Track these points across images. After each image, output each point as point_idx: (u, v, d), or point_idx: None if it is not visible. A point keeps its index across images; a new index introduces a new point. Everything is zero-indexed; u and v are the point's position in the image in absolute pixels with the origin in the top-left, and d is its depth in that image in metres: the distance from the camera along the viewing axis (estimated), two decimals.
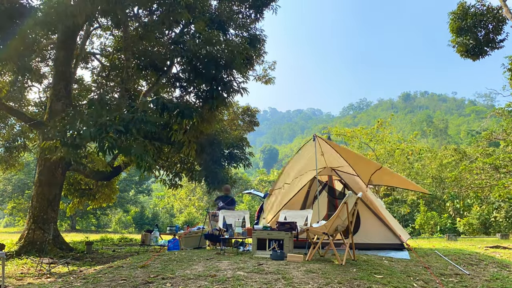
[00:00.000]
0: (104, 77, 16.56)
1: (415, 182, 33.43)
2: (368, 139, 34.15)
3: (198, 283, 4.93)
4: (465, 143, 54.41)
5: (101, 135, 7.97)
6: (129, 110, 8.84)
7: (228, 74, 11.19)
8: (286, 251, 6.85)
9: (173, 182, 14.65)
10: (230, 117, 17.55)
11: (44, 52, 15.68)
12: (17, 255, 10.23)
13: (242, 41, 12.07)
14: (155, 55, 12.51)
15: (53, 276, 7.20)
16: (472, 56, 14.57)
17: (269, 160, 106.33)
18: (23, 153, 17.18)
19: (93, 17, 11.33)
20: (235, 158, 14.28)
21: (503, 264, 7.84)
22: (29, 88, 16.16)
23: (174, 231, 10.61)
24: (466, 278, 6.40)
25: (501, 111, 26.27)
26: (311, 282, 4.96)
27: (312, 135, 8.89)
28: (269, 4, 13.71)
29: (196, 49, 10.30)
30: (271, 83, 17.55)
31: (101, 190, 16.54)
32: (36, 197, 11.57)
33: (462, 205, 28.34)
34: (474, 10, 14.05)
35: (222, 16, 12.15)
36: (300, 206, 9.87)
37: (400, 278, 5.64)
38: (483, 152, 27.26)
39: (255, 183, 46.18)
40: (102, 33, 16.49)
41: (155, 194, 52.61)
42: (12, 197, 36.10)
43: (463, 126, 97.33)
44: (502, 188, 23.38)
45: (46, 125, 11.03)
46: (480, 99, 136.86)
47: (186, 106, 10.14)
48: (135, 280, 5.25)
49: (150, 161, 8.54)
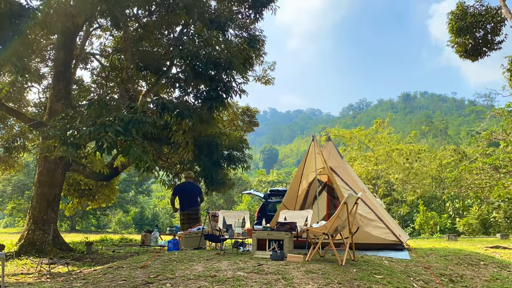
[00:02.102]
0: (104, 77, 16.56)
1: (415, 182, 33.51)
2: (367, 140, 34.17)
3: (198, 284, 4.92)
4: (465, 143, 54.44)
5: (100, 134, 7.97)
6: (128, 111, 8.84)
7: (227, 75, 11.18)
8: (286, 252, 6.85)
9: (172, 183, 14.64)
10: (230, 117, 17.54)
11: (44, 52, 15.68)
12: (17, 255, 10.22)
13: (241, 42, 12.07)
14: (155, 56, 12.52)
15: (53, 277, 7.19)
16: (471, 57, 14.58)
17: (269, 161, 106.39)
18: (22, 154, 17.17)
19: (93, 17, 11.32)
20: (234, 159, 14.25)
21: (503, 264, 7.84)
22: (29, 88, 16.15)
23: (174, 231, 10.61)
24: (466, 278, 6.40)
25: (501, 111, 26.28)
26: (311, 282, 4.95)
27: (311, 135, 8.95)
28: (268, 5, 13.72)
29: (195, 50, 10.31)
30: (270, 84, 17.55)
31: (101, 191, 16.54)
32: (36, 198, 11.57)
33: (462, 205, 28.36)
34: (473, 10, 14.06)
35: (222, 17, 12.15)
36: (300, 206, 9.88)
37: (400, 278, 5.64)
38: (483, 152, 27.27)
39: (255, 184, 46.20)
40: (102, 34, 16.49)
41: (155, 195, 52.62)
42: (12, 197, 36.11)
43: (463, 126, 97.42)
44: (502, 188, 23.39)
45: (46, 125, 11.03)
46: (480, 99, 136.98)
47: (185, 107, 10.15)
48: (135, 280, 5.24)
49: (149, 162, 8.54)
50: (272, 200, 14.47)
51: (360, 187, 9.63)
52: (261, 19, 14.06)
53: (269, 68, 17.44)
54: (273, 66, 17.54)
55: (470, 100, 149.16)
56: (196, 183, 11.21)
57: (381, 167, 32.61)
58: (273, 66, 17.54)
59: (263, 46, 14.33)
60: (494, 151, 27.75)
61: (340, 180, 9.51)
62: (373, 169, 32.45)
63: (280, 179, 47.28)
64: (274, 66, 17.57)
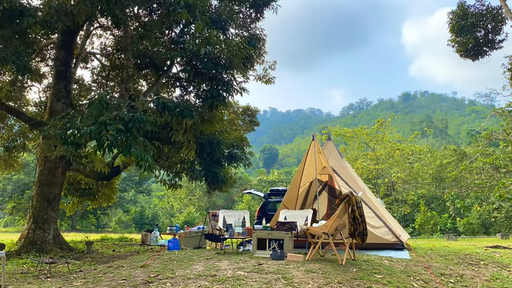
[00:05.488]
0: (104, 77, 16.54)
1: (415, 182, 33.52)
2: (368, 139, 34.15)
3: (198, 283, 4.92)
4: (465, 143, 54.41)
5: (101, 133, 7.98)
6: (129, 110, 8.84)
7: (228, 73, 11.18)
8: (286, 251, 6.85)
9: (172, 182, 14.63)
10: (230, 117, 17.51)
11: (44, 52, 15.67)
12: (17, 254, 10.23)
13: (242, 41, 12.06)
14: (155, 55, 12.51)
15: (53, 276, 7.19)
16: (472, 56, 14.57)
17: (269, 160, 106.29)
18: (22, 153, 17.16)
19: (93, 17, 11.32)
20: (235, 158, 14.26)
21: (503, 264, 7.84)
22: (29, 88, 16.14)
23: (174, 231, 10.63)
24: (466, 278, 6.40)
25: (501, 111, 26.27)
26: (311, 282, 4.95)
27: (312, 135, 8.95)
28: (269, 4, 13.71)
29: (196, 49, 10.30)
30: (271, 83, 17.51)
31: (101, 190, 16.53)
32: (36, 197, 11.57)
33: (462, 205, 28.35)
34: (474, 10, 14.05)
35: (222, 16, 12.14)
36: (300, 205, 9.88)
37: (400, 278, 5.63)
38: (483, 152, 27.26)
39: (255, 183, 46.20)
40: (102, 33, 16.46)
41: (155, 194, 52.65)
42: (12, 197, 36.11)
43: (463, 126, 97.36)
44: (502, 188, 23.37)
45: (46, 124, 11.03)
46: (480, 99, 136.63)
47: (186, 106, 10.15)
48: (135, 279, 5.24)
49: (150, 161, 8.53)
50: (272, 200, 14.48)
51: (361, 187, 9.64)
52: (262, 18, 14.06)
53: (270, 67, 17.41)
54: (273, 65, 17.51)
55: (470, 100, 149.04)
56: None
57: (382, 166, 32.62)
58: (274, 65, 17.51)
59: (263, 45, 14.31)
60: (494, 151, 27.72)
61: (340, 180, 9.52)
62: (374, 169, 32.46)
63: (281, 178, 47.28)
64: (275, 65, 17.54)
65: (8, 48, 9.66)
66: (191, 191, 43.55)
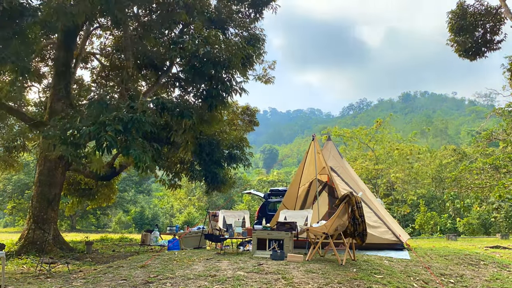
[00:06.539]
0: (104, 77, 16.54)
1: (415, 182, 33.51)
2: (367, 139, 34.17)
3: (198, 283, 4.92)
4: (465, 143, 54.40)
5: (100, 134, 7.98)
6: (128, 110, 8.84)
7: (227, 73, 11.18)
8: (286, 251, 6.85)
9: (172, 182, 14.63)
10: (230, 117, 17.50)
11: (44, 52, 15.66)
12: (17, 255, 10.22)
13: (241, 41, 12.06)
14: (155, 55, 12.51)
15: (53, 276, 7.19)
16: (470, 56, 14.57)
17: (269, 160, 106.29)
18: (22, 154, 17.15)
19: (93, 17, 11.32)
20: (235, 158, 14.25)
21: (503, 264, 7.84)
22: (29, 88, 16.14)
23: (174, 231, 10.62)
24: (466, 278, 6.40)
25: (501, 111, 26.27)
26: (311, 282, 4.95)
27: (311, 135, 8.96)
28: (268, 4, 13.70)
29: (195, 49, 10.30)
30: (271, 83, 17.51)
31: (101, 190, 16.53)
32: (36, 197, 11.57)
33: (462, 205, 28.34)
34: (473, 10, 14.05)
35: (222, 16, 12.14)
36: (300, 205, 9.88)
37: (400, 278, 5.63)
38: (483, 152, 27.24)
39: (255, 183, 46.19)
40: (102, 33, 16.46)
41: (155, 194, 52.63)
42: (12, 197, 36.08)
43: (463, 126, 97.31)
44: (502, 188, 23.35)
45: (46, 124, 11.03)
46: (480, 99, 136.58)
47: (185, 106, 10.14)
48: (135, 280, 5.24)
49: (148, 162, 8.53)
50: (272, 200, 14.48)
51: (360, 187, 9.64)
52: (261, 18, 14.05)
53: (270, 67, 17.42)
54: (273, 65, 17.52)
55: (470, 100, 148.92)
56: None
57: (382, 166, 32.63)
58: (273, 65, 17.52)
59: (263, 45, 14.31)
60: (494, 151, 27.70)
61: (340, 180, 9.53)
62: (374, 169, 32.47)
63: (280, 178, 47.26)
64: (274, 65, 17.55)
65: (7, 48, 9.66)
66: (191, 191, 43.54)
